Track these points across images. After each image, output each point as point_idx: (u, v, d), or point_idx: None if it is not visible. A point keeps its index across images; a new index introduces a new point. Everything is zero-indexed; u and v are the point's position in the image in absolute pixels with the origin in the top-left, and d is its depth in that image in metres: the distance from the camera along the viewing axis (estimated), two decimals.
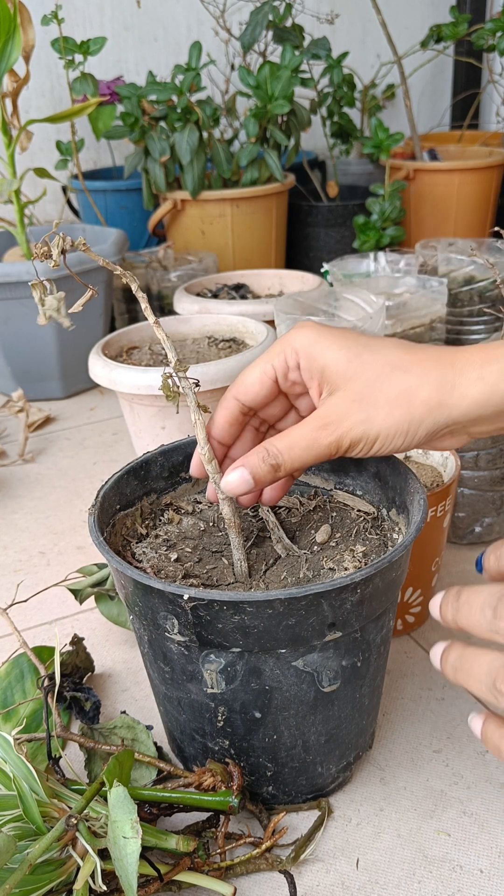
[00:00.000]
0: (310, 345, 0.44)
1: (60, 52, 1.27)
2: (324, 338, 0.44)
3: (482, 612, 0.35)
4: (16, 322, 1.10)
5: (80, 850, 0.41)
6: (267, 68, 1.26)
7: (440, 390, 0.41)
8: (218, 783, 0.46)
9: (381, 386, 0.42)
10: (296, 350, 0.44)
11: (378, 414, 0.42)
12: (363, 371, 0.42)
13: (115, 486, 0.51)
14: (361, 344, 0.43)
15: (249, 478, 0.44)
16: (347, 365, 0.42)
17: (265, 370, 0.46)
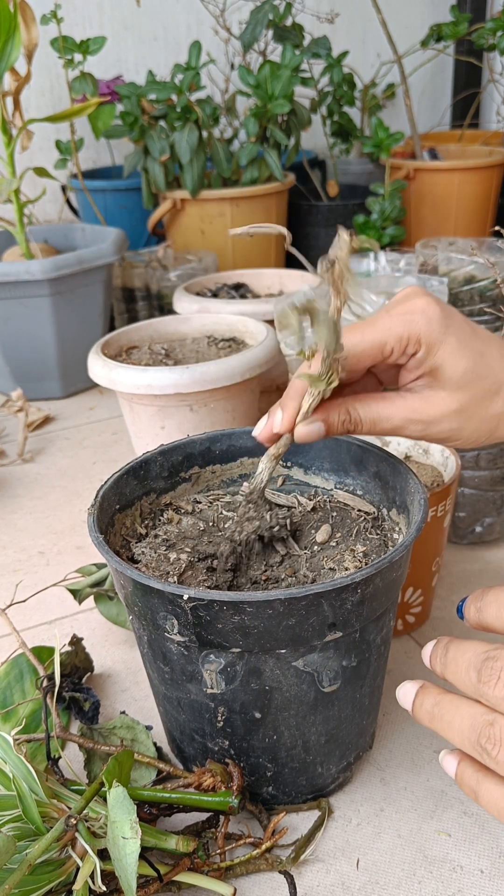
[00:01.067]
0: (436, 343, 0.43)
1: (60, 52, 1.27)
2: (449, 336, 0.43)
3: (468, 673, 0.33)
4: (16, 322, 1.10)
5: (79, 851, 0.41)
6: (267, 67, 1.26)
7: None
8: (218, 783, 0.46)
9: (483, 404, 0.44)
10: (420, 342, 0.43)
11: (468, 427, 0.44)
12: (472, 386, 0.43)
13: (114, 485, 0.51)
14: (478, 352, 0.44)
15: (323, 432, 0.44)
16: (462, 376, 0.43)
17: (384, 349, 0.44)
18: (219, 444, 0.57)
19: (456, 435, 0.45)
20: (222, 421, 0.81)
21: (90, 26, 1.58)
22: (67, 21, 1.43)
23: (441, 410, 0.44)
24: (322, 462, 0.57)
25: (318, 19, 1.60)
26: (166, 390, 0.76)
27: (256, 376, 0.81)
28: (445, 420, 0.44)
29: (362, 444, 0.54)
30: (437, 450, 0.66)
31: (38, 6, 1.13)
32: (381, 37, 1.47)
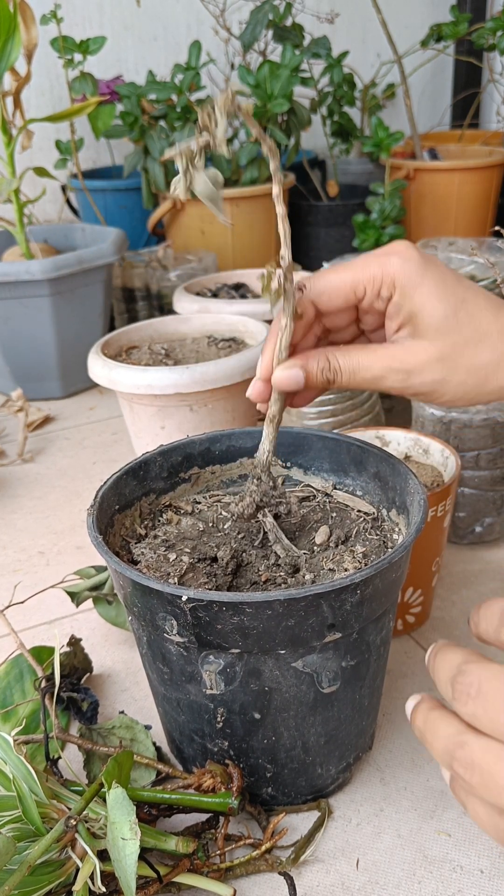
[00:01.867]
0: (412, 286, 0.42)
1: (60, 52, 1.27)
2: (427, 283, 0.42)
3: (446, 687, 0.33)
4: (15, 322, 1.10)
5: (79, 852, 0.41)
6: (266, 67, 1.26)
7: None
8: (217, 784, 0.46)
9: (467, 352, 0.41)
10: (394, 283, 0.42)
11: (454, 379, 0.42)
12: (454, 333, 0.41)
13: (113, 486, 0.51)
14: (459, 298, 0.42)
15: (301, 379, 0.43)
16: (442, 321, 0.41)
17: (356, 288, 0.43)
18: (218, 444, 0.57)
19: (441, 388, 0.42)
20: (222, 421, 0.81)
21: (90, 26, 1.58)
22: (67, 21, 1.43)
23: (422, 359, 0.42)
24: (321, 462, 0.57)
25: (318, 19, 1.60)
26: (166, 390, 0.76)
27: None
28: (427, 370, 0.42)
29: (362, 445, 0.54)
30: (438, 450, 0.66)
31: (37, 6, 1.13)
32: (381, 37, 1.47)
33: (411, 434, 0.68)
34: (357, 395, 0.82)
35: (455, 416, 0.70)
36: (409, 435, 0.68)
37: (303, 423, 0.82)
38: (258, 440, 0.57)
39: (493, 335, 0.42)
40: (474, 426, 0.70)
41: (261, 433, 0.58)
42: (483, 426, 0.69)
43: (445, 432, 0.71)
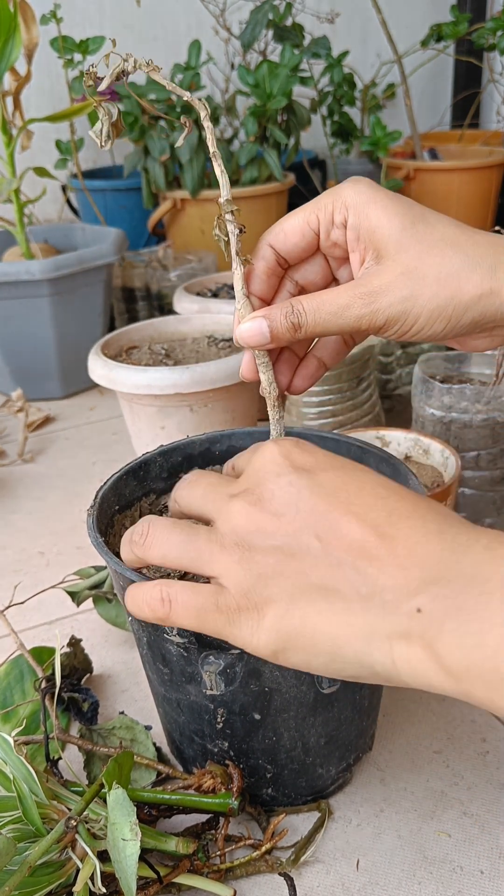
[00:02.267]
0: (363, 203, 0.40)
1: (59, 52, 1.27)
2: (379, 199, 0.40)
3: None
4: (15, 322, 1.10)
5: (79, 852, 0.41)
6: (265, 67, 1.26)
7: (493, 276, 0.38)
8: (218, 785, 0.46)
9: (432, 261, 0.38)
10: (346, 205, 0.40)
11: (423, 293, 0.38)
12: (415, 242, 0.39)
13: (113, 486, 0.51)
14: (418, 214, 0.40)
15: (266, 330, 0.41)
16: (401, 233, 0.39)
17: (308, 219, 0.42)
18: (218, 444, 0.57)
19: (411, 306, 0.39)
20: (222, 421, 0.81)
21: (90, 26, 1.58)
22: (68, 21, 1.43)
23: (386, 277, 0.39)
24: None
25: (318, 19, 1.60)
26: (166, 390, 0.76)
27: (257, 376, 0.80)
28: (393, 286, 0.39)
29: (362, 446, 0.54)
30: (438, 450, 0.66)
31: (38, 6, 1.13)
32: (382, 37, 1.47)
33: (411, 434, 0.68)
34: (357, 395, 0.82)
35: (455, 416, 0.70)
36: (410, 435, 0.68)
37: (303, 423, 0.82)
38: (258, 440, 0.57)
39: (461, 241, 0.39)
40: (475, 426, 0.70)
41: (261, 433, 0.58)
42: (483, 426, 0.69)
43: (445, 432, 0.71)
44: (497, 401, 0.70)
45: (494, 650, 0.28)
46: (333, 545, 0.33)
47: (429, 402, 0.72)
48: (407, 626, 0.30)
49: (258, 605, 0.34)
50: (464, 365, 0.79)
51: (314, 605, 0.33)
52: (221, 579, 0.35)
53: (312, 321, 0.41)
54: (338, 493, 0.34)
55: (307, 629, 0.33)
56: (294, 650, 0.34)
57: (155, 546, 0.37)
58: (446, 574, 0.30)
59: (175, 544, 0.36)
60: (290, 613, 0.33)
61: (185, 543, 0.36)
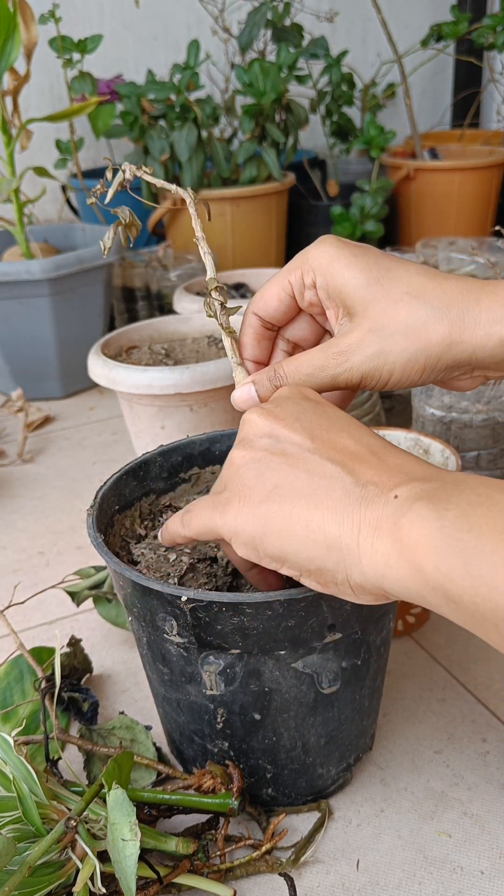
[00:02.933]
0: (328, 263, 0.41)
1: (58, 52, 1.27)
2: (343, 256, 0.41)
3: None
4: (15, 322, 1.10)
5: (79, 853, 0.41)
6: (258, 65, 1.26)
7: (461, 325, 0.38)
8: (218, 785, 0.46)
9: (397, 316, 0.39)
10: (312, 267, 0.42)
11: (393, 348, 0.39)
12: (381, 297, 0.40)
13: (113, 486, 0.51)
14: (383, 267, 0.41)
15: (255, 395, 0.44)
16: (366, 289, 0.40)
17: (282, 285, 0.44)
18: (218, 444, 0.57)
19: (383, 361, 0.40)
20: (222, 421, 0.81)
21: (90, 26, 1.58)
22: (67, 20, 1.43)
23: (355, 335, 0.40)
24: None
25: (317, 18, 1.60)
26: (166, 390, 0.76)
27: None
28: (363, 343, 0.40)
29: None
30: (438, 450, 0.66)
31: (37, 5, 1.13)
32: (381, 36, 1.47)
33: (411, 434, 0.68)
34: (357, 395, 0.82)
35: (455, 416, 0.70)
36: (410, 435, 0.68)
37: None
38: None
39: (427, 291, 0.39)
40: (475, 426, 0.69)
41: None
42: (483, 426, 0.69)
43: (446, 432, 0.71)
44: (497, 401, 0.70)
45: (452, 522, 0.30)
46: (327, 448, 0.36)
47: (429, 401, 0.72)
48: (380, 515, 0.33)
49: (241, 490, 0.37)
50: None
51: (296, 493, 0.35)
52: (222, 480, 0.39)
53: (293, 380, 0.43)
54: (339, 421, 0.38)
55: (285, 512, 0.35)
56: (270, 535, 0.36)
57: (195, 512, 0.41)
58: (430, 476, 0.34)
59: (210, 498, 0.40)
60: (270, 499, 0.36)
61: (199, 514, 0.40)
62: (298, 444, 0.37)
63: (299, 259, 0.43)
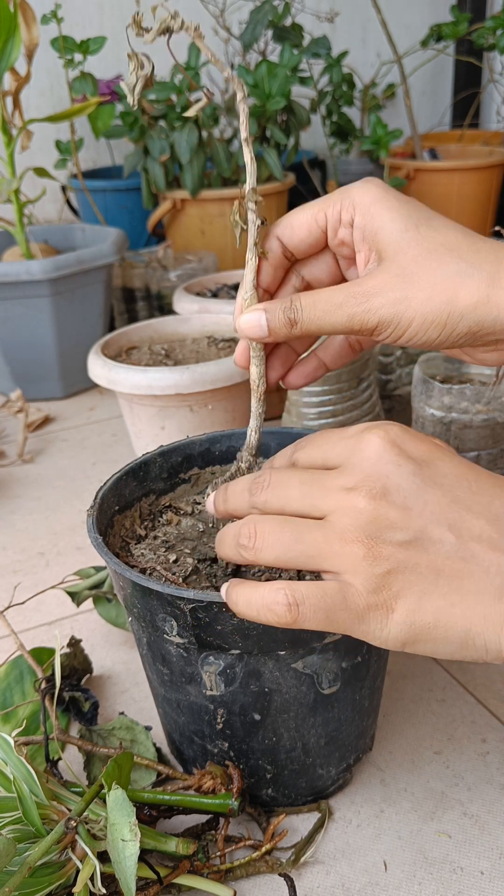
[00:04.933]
0: (370, 202, 0.40)
1: (60, 52, 1.27)
2: (387, 199, 0.40)
3: (241, 495, 0.39)
4: (15, 322, 1.10)
5: (79, 853, 0.41)
6: (264, 67, 1.26)
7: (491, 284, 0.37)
8: (218, 786, 0.46)
9: (429, 265, 0.38)
10: (354, 204, 0.40)
11: (417, 296, 0.38)
12: (415, 245, 0.38)
13: (113, 486, 0.51)
14: (423, 217, 0.39)
15: (265, 324, 0.41)
16: (402, 235, 0.39)
17: (316, 216, 0.42)
18: (218, 444, 0.57)
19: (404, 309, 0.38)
20: (222, 421, 0.81)
21: (90, 26, 1.58)
22: (68, 21, 1.43)
23: (381, 278, 0.38)
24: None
25: (317, 19, 1.60)
26: (166, 391, 0.76)
27: None
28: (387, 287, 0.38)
29: None
30: None
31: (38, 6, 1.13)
32: (382, 36, 1.47)
33: None
34: (357, 395, 0.82)
35: (455, 416, 0.70)
36: None
37: (303, 423, 0.82)
38: None
39: (462, 247, 0.38)
40: (475, 426, 0.69)
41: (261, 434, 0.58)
42: (483, 427, 0.69)
43: (446, 433, 0.71)
44: (497, 401, 0.70)
45: None
46: (465, 537, 0.34)
47: (429, 402, 0.72)
48: None
49: (387, 600, 0.34)
50: (463, 365, 0.79)
51: (447, 598, 0.33)
52: (345, 575, 0.34)
53: (308, 317, 0.40)
54: (459, 485, 0.35)
55: (440, 622, 0.33)
56: (424, 641, 0.34)
57: (267, 548, 0.36)
58: None
59: (288, 543, 0.36)
60: (422, 608, 0.34)
61: (298, 541, 0.35)
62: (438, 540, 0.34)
63: (341, 194, 0.41)
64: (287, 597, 0.35)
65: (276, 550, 0.36)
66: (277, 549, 0.36)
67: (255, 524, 0.37)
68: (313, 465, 0.39)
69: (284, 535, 0.36)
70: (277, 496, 0.38)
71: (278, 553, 0.36)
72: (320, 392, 0.80)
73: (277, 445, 0.57)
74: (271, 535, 0.36)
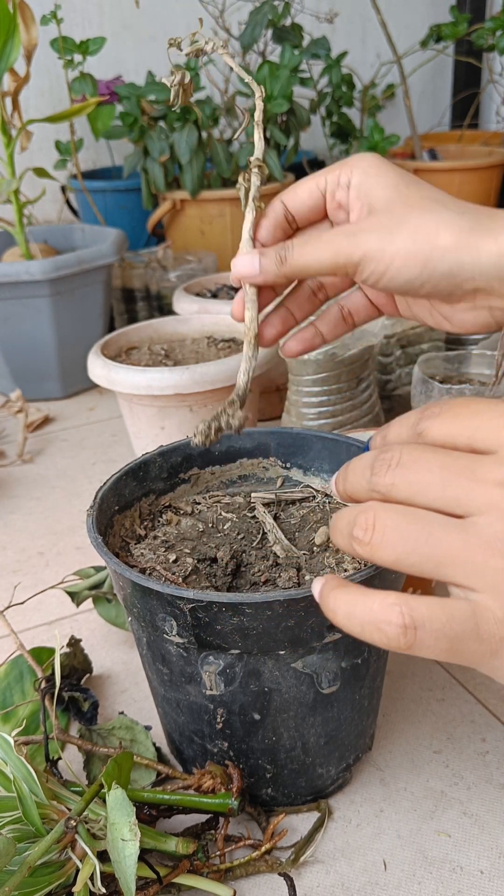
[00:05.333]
0: (368, 165, 0.42)
1: (59, 52, 1.27)
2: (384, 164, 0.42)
3: (363, 474, 0.32)
4: (15, 322, 1.10)
5: (79, 853, 0.41)
6: (266, 68, 1.26)
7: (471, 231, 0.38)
8: (217, 785, 0.46)
9: (414, 212, 0.39)
10: (352, 167, 0.42)
11: (399, 234, 0.39)
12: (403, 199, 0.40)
13: (113, 486, 0.51)
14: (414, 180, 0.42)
15: (257, 264, 0.42)
16: (394, 189, 0.41)
17: (318, 181, 0.44)
18: (218, 445, 0.57)
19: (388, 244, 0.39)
20: None
21: (90, 26, 1.58)
22: (67, 21, 1.43)
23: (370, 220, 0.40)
24: (321, 463, 0.57)
25: (317, 19, 1.60)
26: (166, 391, 0.76)
27: (256, 377, 0.80)
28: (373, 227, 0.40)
29: (361, 446, 0.54)
30: None
31: (37, 6, 1.13)
32: (381, 37, 1.47)
33: None
34: (357, 395, 0.82)
35: None
36: None
37: (302, 423, 0.82)
38: (258, 441, 0.58)
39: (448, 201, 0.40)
40: None
41: (261, 434, 0.58)
42: None
43: None
44: None
45: None
46: None
47: (428, 402, 0.72)
48: None
49: None
50: (463, 365, 0.79)
51: None
52: (481, 595, 0.28)
53: (298, 254, 0.41)
54: None
55: None
56: None
57: (386, 546, 0.30)
58: None
59: (413, 542, 0.29)
60: None
61: (427, 542, 0.29)
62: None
63: (341, 161, 0.44)
64: (403, 617, 0.29)
65: (398, 549, 0.30)
66: (400, 547, 0.29)
67: (376, 514, 0.30)
68: (453, 443, 0.31)
69: (411, 531, 0.29)
70: (408, 480, 0.30)
71: (400, 553, 0.29)
72: (320, 392, 0.81)
73: (277, 445, 0.57)
74: (394, 530, 0.30)
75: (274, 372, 0.96)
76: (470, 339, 0.97)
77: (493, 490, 0.28)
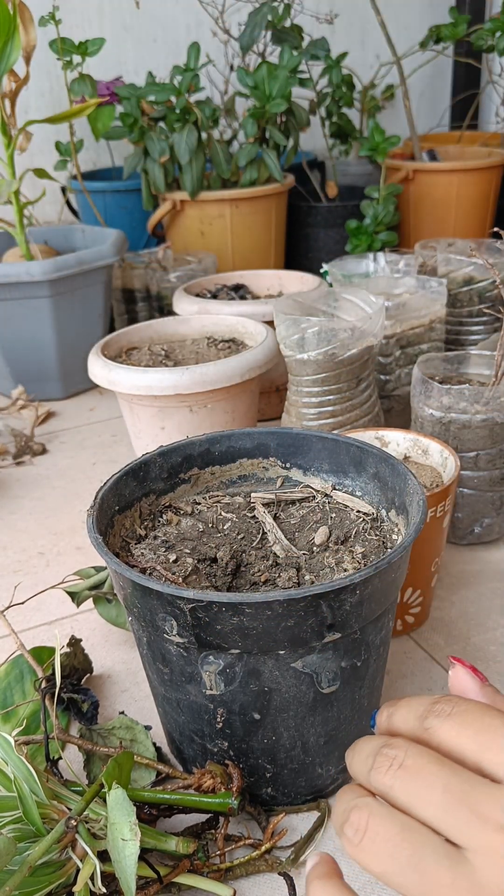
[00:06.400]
0: None
1: (59, 53, 1.27)
2: None
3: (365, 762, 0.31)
4: (15, 322, 1.10)
5: (79, 852, 0.41)
6: (265, 68, 1.26)
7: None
8: (217, 785, 0.46)
9: None
10: None
11: None
12: None
13: (113, 487, 0.51)
14: None
15: None
16: None
17: None
18: (218, 445, 0.57)
19: None
20: (222, 422, 0.81)
21: (89, 27, 1.58)
22: (66, 22, 1.43)
23: None
24: (321, 463, 0.57)
25: (316, 20, 1.60)
26: (166, 391, 0.76)
27: (256, 377, 0.81)
28: None
29: (361, 446, 0.54)
30: (437, 450, 0.66)
31: (36, 7, 1.13)
32: (381, 38, 1.47)
33: (410, 435, 0.68)
34: (357, 395, 0.82)
35: (454, 416, 0.70)
36: (409, 436, 0.68)
37: (302, 423, 0.82)
38: (258, 441, 0.58)
39: None
40: (473, 427, 0.70)
41: (260, 434, 0.58)
42: (482, 427, 0.70)
43: (444, 433, 0.71)
44: (496, 401, 0.70)
45: None
46: None
47: (428, 402, 0.72)
48: None
49: None
50: (463, 365, 0.79)
51: None
52: None
53: None
54: None
55: None
56: None
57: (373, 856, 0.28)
58: None
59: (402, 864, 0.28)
60: None
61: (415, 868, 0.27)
62: None
63: None
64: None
65: (384, 865, 0.28)
66: (387, 864, 0.28)
67: (370, 816, 0.29)
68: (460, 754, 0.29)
69: (402, 851, 0.28)
70: (407, 790, 0.29)
71: (387, 869, 0.28)
72: (320, 392, 0.81)
73: (277, 445, 0.57)
74: (385, 842, 0.28)
75: (274, 372, 0.96)
76: (469, 339, 0.97)
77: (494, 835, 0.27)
